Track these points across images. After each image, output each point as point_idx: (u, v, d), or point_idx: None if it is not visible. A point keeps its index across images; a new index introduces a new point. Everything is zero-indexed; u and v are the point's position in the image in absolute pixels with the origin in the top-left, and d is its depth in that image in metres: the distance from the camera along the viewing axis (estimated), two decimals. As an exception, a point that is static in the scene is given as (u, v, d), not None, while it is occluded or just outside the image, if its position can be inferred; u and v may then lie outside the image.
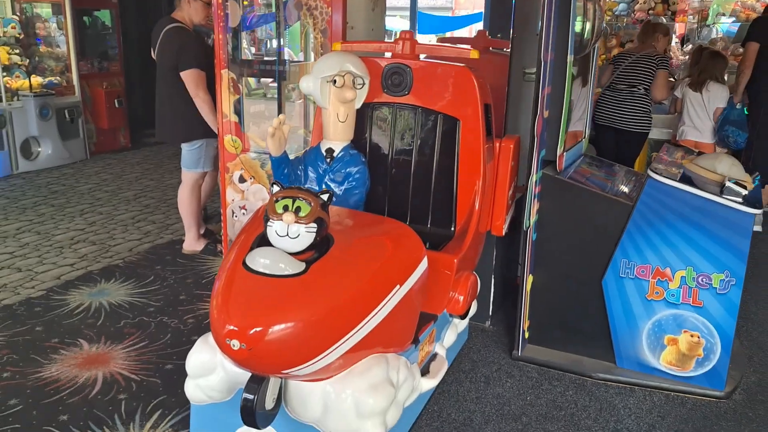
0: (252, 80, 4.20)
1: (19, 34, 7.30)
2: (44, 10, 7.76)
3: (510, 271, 3.77)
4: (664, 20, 7.16)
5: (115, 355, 3.13)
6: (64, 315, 3.54)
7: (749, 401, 2.92)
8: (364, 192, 2.63)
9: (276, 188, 1.93)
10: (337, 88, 2.53)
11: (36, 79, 7.22)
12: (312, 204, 1.85)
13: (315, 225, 1.83)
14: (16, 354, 3.11)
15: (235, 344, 1.68)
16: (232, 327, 1.68)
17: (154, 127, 4.46)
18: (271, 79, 3.88)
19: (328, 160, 2.64)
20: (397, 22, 10.09)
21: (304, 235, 1.83)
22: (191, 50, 4.09)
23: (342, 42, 2.82)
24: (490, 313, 3.56)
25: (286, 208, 1.83)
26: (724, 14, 7.23)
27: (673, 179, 2.86)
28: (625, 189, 3.14)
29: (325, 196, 1.93)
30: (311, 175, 2.67)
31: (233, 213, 3.95)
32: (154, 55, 4.30)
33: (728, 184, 2.76)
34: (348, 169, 2.61)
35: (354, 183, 2.61)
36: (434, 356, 2.65)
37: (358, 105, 2.62)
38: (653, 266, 2.88)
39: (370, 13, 3.60)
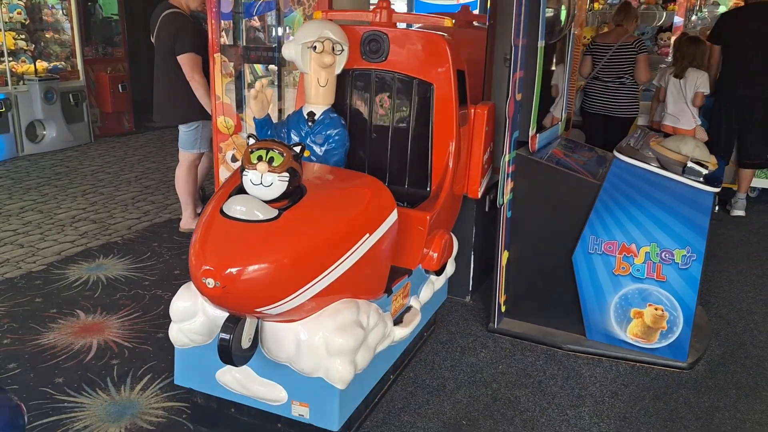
0: (259, 67, 4.34)
1: (25, 19, 7.45)
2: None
3: (489, 249, 3.91)
4: (657, 9, 7.25)
5: (110, 325, 3.31)
6: (62, 288, 3.72)
7: (710, 372, 3.06)
8: (344, 153, 2.75)
9: (252, 141, 2.06)
10: (317, 54, 2.64)
11: (41, 64, 7.39)
12: (285, 155, 1.98)
13: (287, 174, 1.97)
14: (15, 323, 3.30)
15: (210, 282, 1.83)
16: (207, 267, 1.84)
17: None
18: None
19: (310, 123, 2.74)
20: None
21: (277, 184, 1.96)
22: (187, 35, 4.24)
23: (322, 11, 2.96)
24: (470, 289, 3.71)
25: (260, 159, 1.96)
26: (718, 3, 7.28)
27: (638, 160, 2.98)
28: (594, 169, 3.27)
29: (297, 148, 2.05)
30: (294, 137, 2.79)
31: (225, 192, 4.10)
32: (152, 39, 4.45)
33: (690, 164, 2.88)
34: (328, 132, 2.72)
35: (334, 144, 2.72)
36: (409, 309, 2.79)
37: (338, 70, 2.74)
38: (619, 242, 3.02)
39: (358, 2, 3.72)
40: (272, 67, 4.29)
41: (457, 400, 2.78)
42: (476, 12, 6.30)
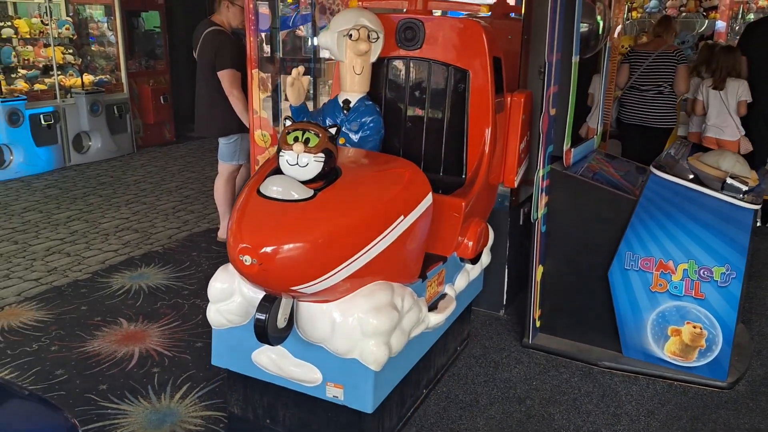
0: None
1: (73, 35, 7.74)
2: (96, 11, 8.19)
3: (524, 263, 3.90)
4: (697, 17, 7.11)
5: (151, 333, 3.41)
6: (106, 296, 3.84)
7: (752, 393, 2.99)
8: (379, 140, 2.77)
9: (288, 123, 2.10)
10: (352, 42, 2.64)
11: (87, 77, 7.65)
12: (320, 136, 2.00)
13: (323, 155, 1.99)
14: (63, 330, 3.42)
15: (247, 260, 1.87)
16: (244, 244, 1.87)
17: None
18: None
19: (345, 110, 2.75)
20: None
21: (313, 164, 1.99)
22: (228, 52, 4.36)
23: (359, 0, 3.00)
24: (504, 303, 3.70)
25: (296, 140, 1.99)
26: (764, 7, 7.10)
27: (675, 175, 2.95)
28: (631, 184, 3.24)
29: (333, 130, 2.08)
30: (329, 124, 2.83)
31: (263, 204, 4.18)
32: (195, 55, 4.58)
33: (729, 180, 2.84)
34: (363, 119, 2.73)
35: (369, 131, 2.73)
36: (443, 296, 2.78)
37: (373, 58, 2.74)
38: (656, 259, 2.98)
39: None
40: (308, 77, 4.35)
41: (491, 416, 2.78)
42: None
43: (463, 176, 2.89)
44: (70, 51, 7.73)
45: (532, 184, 3.24)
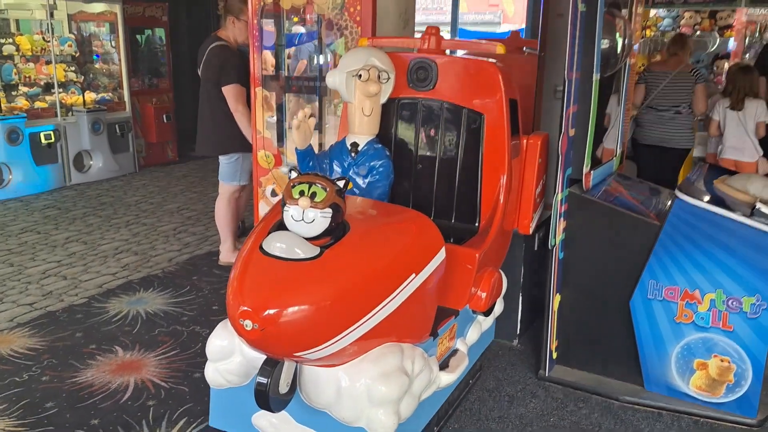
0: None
1: (75, 52, 7.66)
2: (99, 28, 8.13)
3: (539, 290, 3.74)
4: (710, 36, 7.03)
5: (147, 363, 3.24)
6: (103, 322, 3.69)
7: (784, 431, 2.82)
8: (388, 185, 2.65)
9: (293, 174, 1.97)
10: (362, 82, 2.56)
11: (89, 95, 7.55)
12: (328, 189, 1.87)
13: (330, 210, 1.86)
14: (55, 359, 3.26)
15: (248, 324, 1.73)
16: (245, 307, 1.74)
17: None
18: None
19: (353, 153, 2.65)
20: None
21: (320, 220, 1.85)
22: (233, 67, 4.26)
23: (369, 38, 2.89)
24: (518, 332, 3.53)
25: (302, 193, 1.86)
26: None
27: (701, 200, 2.80)
28: (654, 209, 3.09)
29: (341, 183, 1.95)
30: (336, 168, 2.71)
31: (266, 227, 4.04)
32: (199, 72, 4.48)
33: (759, 206, 2.69)
34: (372, 163, 2.62)
35: (378, 176, 2.62)
36: (455, 352, 2.64)
37: (383, 99, 2.66)
38: (682, 288, 2.82)
39: (401, 32, 3.65)
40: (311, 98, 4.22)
41: (507, 456, 2.61)
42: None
43: (477, 224, 2.76)
44: (72, 69, 7.65)
45: (549, 207, 3.11)
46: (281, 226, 1.92)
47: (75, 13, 7.79)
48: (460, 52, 3.60)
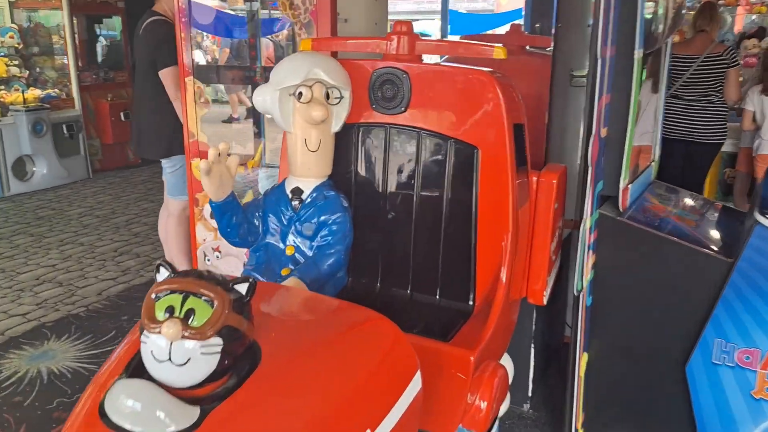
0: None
1: (18, 44, 6.81)
2: (46, 17, 7.26)
3: (553, 333, 2.92)
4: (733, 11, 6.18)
5: (32, 455, 2.41)
6: (-10, 388, 2.85)
7: None
8: (344, 251, 1.83)
9: (161, 273, 1.16)
10: (302, 104, 1.76)
11: (33, 93, 6.68)
12: (216, 303, 1.07)
13: (220, 340, 1.06)
14: None
15: None
16: None
17: None
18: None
19: (295, 203, 1.86)
20: (426, 26, 9.31)
21: (200, 360, 1.04)
22: (172, 46, 3.41)
23: (313, 39, 2.03)
24: (530, 394, 2.71)
25: (170, 312, 1.06)
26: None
27: (794, 226, 1.97)
28: (719, 236, 2.26)
29: (242, 287, 1.14)
30: (273, 226, 1.90)
31: (205, 256, 3.20)
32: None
33: None
34: (322, 218, 1.83)
35: (330, 238, 1.82)
36: None
37: (335, 127, 1.84)
38: (763, 352, 2.00)
39: (371, 1, 2.80)
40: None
41: None
42: (520, 22, 5.29)
43: (471, 302, 1.92)
44: (16, 62, 6.80)
45: (566, 224, 2.28)
46: (138, 368, 1.10)
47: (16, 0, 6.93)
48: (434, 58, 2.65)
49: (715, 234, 2.28)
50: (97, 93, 7.26)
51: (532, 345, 2.63)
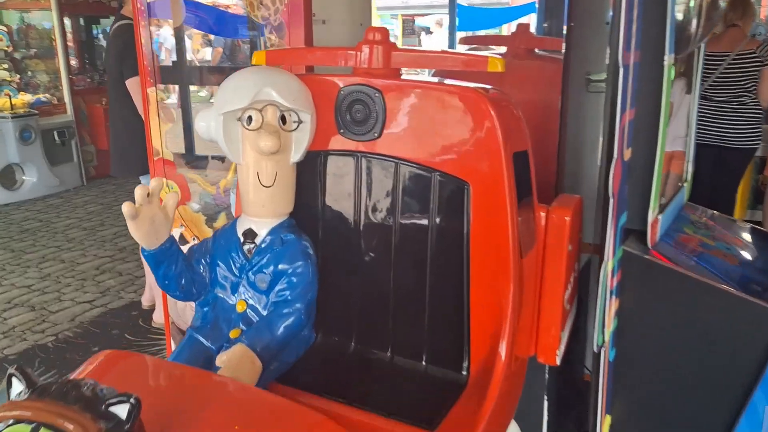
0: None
1: (8, 46, 6.56)
2: (38, 19, 7.01)
3: (570, 373, 2.56)
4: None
5: None
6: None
7: None
8: (304, 309, 1.48)
9: (14, 389, 0.85)
10: (251, 132, 1.42)
11: (22, 98, 6.41)
12: None
13: None
14: None
15: None
16: None
17: None
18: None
19: (248, 249, 1.52)
20: (429, 21, 8.90)
21: None
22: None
23: (267, 51, 1.67)
24: (541, 450, 2.34)
25: None
26: None
27: None
28: (763, 274, 1.88)
29: (121, 409, 0.82)
30: (222, 275, 1.56)
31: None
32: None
33: None
34: (279, 267, 1.49)
35: (287, 294, 1.47)
36: None
37: (296, 157, 1.49)
38: (829, 424, 1.62)
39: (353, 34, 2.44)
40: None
41: None
42: (533, 18, 4.87)
43: (465, 371, 1.54)
44: (5, 66, 6.56)
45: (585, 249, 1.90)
46: None
47: (5, 0, 6.67)
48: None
49: (764, 277, 1.90)
50: (92, 97, 6.99)
51: (546, 398, 2.27)
